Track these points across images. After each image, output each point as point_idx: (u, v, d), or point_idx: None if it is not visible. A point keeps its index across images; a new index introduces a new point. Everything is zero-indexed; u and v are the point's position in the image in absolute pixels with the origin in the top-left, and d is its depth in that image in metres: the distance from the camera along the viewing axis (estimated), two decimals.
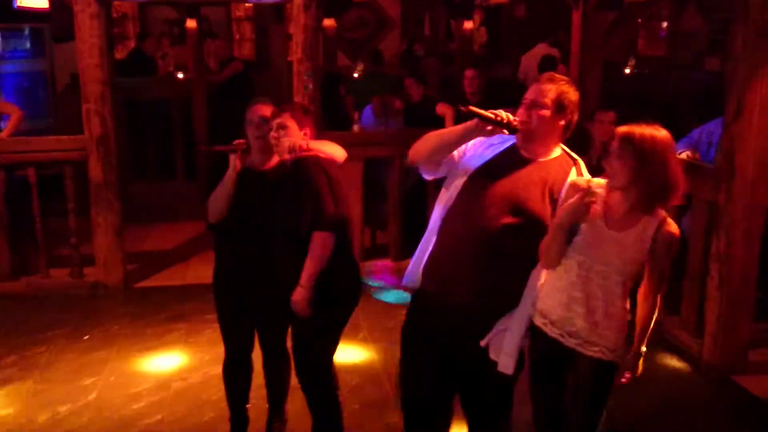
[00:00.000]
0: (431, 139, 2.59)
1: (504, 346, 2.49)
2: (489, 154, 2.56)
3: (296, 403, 3.32)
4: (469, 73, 5.80)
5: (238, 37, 10.61)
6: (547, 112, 2.46)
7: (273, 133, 3.03)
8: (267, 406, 3.40)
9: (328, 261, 2.92)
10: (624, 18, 10.03)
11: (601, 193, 2.43)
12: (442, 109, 5.83)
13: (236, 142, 3.14)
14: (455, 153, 2.61)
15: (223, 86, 7.87)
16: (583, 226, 2.41)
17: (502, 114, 2.41)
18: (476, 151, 2.59)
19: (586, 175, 2.52)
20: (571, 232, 2.42)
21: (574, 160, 2.56)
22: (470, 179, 2.53)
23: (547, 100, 2.45)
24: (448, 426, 2.80)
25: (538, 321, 2.52)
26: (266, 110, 3.15)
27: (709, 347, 4.11)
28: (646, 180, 2.32)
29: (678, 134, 4.89)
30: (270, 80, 8.80)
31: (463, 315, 2.53)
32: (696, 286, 4.25)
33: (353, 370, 4.06)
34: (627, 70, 8.75)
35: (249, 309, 3.23)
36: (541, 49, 7.77)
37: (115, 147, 5.26)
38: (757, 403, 3.85)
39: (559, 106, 2.46)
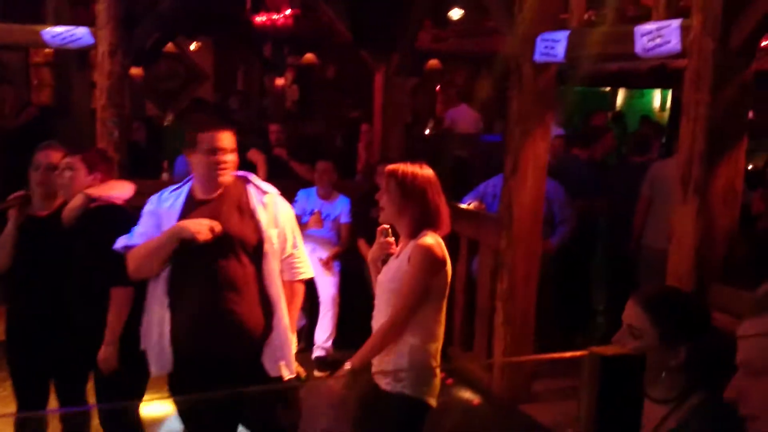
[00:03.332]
0: (143, 258, 2.67)
1: (283, 359, 2.73)
2: (173, 214, 2.71)
3: None
4: (273, 127, 6.24)
5: (36, 82, 10.05)
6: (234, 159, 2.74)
7: (58, 173, 2.99)
8: None
9: (131, 315, 2.90)
10: (424, 83, 10.87)
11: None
12: (254, 155, 6.02)
13: (12, 196, 3.06)
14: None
15: (18, 133, 7.41)
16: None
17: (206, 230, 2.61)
18: (156, 221, 2.72)
19: (254, 179, 2.83)
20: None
21: (244, 177, 2.84)
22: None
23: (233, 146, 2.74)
24: None
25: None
26: (55, 156, 3.10)
27: (497, 379, 4.53)
28: (410, 210, 2.60)
29: (469, 188, 5.45)
30: (71, 127, 8.42)
31: (234, 367, 2.67)
32: (485, 323, 4.68)
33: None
34: (427, 131, 9.44)
35: (44, 363, 3.10)
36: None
37: None
38: (541, 428, 4.28)
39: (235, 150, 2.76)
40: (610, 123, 11.29)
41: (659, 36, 3.29)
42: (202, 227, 2.57)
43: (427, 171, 2.67)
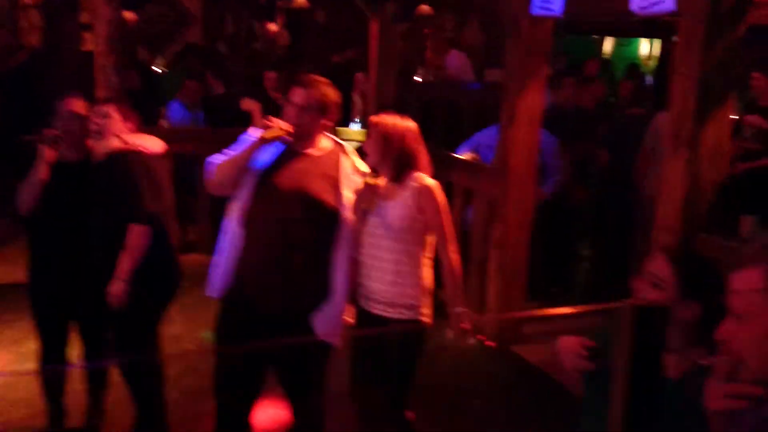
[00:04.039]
0: (227, 167, 2.79)
1: (329, 325, 2.81)
2: (268, 156, 2.83)
3: (117, 392, 3.38)
4: (270, 74, 6.24)
5: (24, 24, 9.88)
6: (314, 115, 2.80)
7: (95, 119, 3.09)
8: (85, 396, 3.43)
9: (145, 254, 3.03)
10: (414, 28, 10.80)
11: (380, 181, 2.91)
12: (248, 104, 6.06)
13: (47, 131, 3.14)
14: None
15: (9, 75, 7.41)
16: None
17: (280, 125, 2.75)
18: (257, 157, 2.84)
19: (353, 155, 2.94)
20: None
21: (340, 144, 2.95)
22: (258, 184, 2.79)
23: (313, 104, 2.79)
24: (255, 402, 2.99)
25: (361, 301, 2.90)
26: (77, 105, 3.18)
27: (490, 322, 4.75)
28: (390, 154, 2.84)
29: (460, 137, 5.57)
30: (61, 71, 8.38)
31: (280, 318, 2.79)
32: (478, 269, 4.87)
33: (173, 360, 4.13)
34: (418, 78, 9.44)
35: (67, 302, 3.24)
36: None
37: None
38: (530, 367, 4.53)
39: (323, 107, 2.82)
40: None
41: None
42: (276, 123, 2.74)
43: (407, 122, 2.90)
